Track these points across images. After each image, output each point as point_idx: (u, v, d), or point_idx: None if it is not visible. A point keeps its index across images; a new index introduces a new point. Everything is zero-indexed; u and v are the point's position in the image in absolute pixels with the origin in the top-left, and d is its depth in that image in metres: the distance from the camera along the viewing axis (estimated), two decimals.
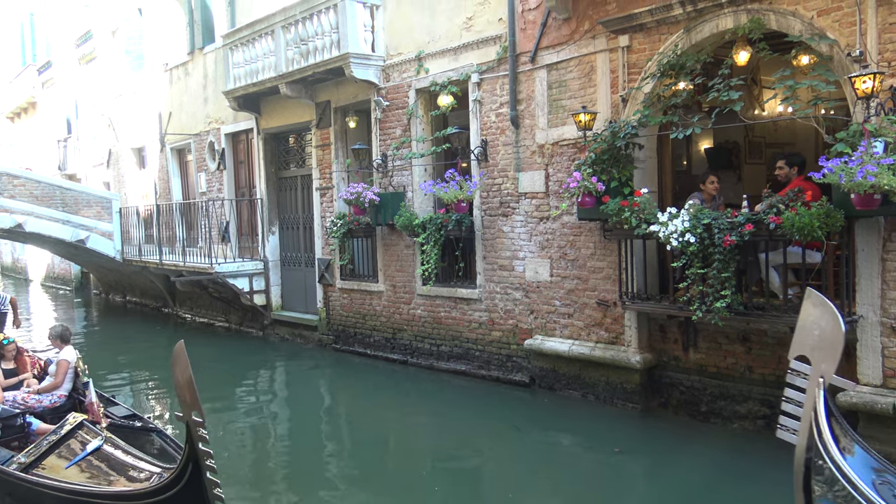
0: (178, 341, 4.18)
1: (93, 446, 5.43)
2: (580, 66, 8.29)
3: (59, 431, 5.74)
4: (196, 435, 4.08)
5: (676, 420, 7.66)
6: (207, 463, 4.14)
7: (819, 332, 3.61)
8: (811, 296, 3.72)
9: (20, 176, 16.23)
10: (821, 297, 3.70)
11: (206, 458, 4.13)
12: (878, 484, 3.45)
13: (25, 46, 27.63)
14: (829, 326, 3.55)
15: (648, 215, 7.03)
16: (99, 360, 12.98)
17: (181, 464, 4.30)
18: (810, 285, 6.40)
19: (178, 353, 4.07)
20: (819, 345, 3.59)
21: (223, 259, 13.96)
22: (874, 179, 5.39)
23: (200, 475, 4.18)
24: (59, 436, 5.68)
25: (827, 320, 3.56)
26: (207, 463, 4.14)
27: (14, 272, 31.21)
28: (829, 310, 3.57)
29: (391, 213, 10.30)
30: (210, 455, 4.15)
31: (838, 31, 6.21)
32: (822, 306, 3.61)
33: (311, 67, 11.12)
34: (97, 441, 5.49)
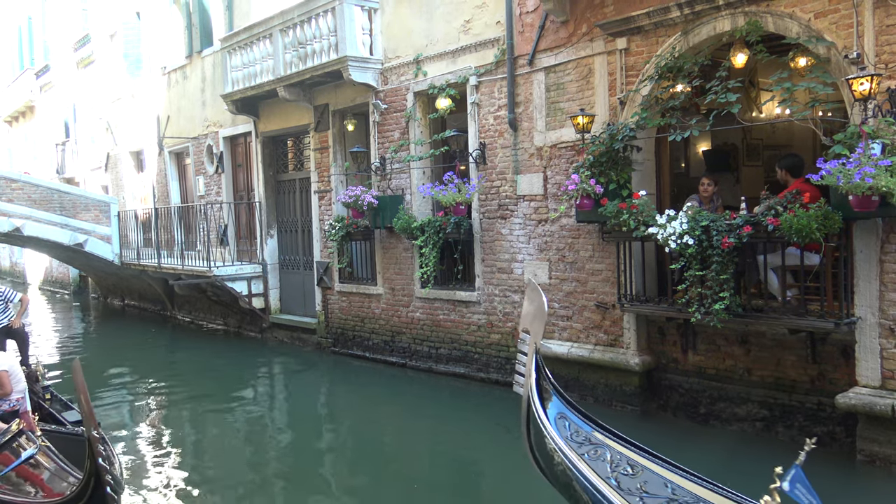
0: (75, 360, 4.26)
1: (27, 455, 5.48)
2: (578, 68, 8.29)
3: (1, 438, 5.80)
4: (95, 450, 4.14)
5: (675, 422, 7.66)
6: (106, 478, 4.21)
7: (533, 310, 4.69)
8: (530, 284, 4.89)
9: (18, 180, 16.23)
10: (535, 284, 4.84)
11: (105, 474, 4.20)
12: (557, 419, 4.59)
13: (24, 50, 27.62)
14: (538, 306, 4.63)
15: (647, 217, 7.04)
16: (97, 363, 13.00)
17: (84, 478, 4.35)
18: (809, 287, 6.44)
19: (76, 372, 4.14)
20: (534, 320, 4.67)
21: (221, 262, 13.95)
22: (872, 181, 5.40)
23: (101, 491, 4.24)
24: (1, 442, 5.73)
25: (537, 302, 4.64)
26: (106, 478, 4.21)
27: (12, 276, 31.18)
28: (538, 294, 4.66)
29: (390, 215, 10.30)
30: (107, 470, 4.23)
31: (835, 34, 6.23)
32: (535, 291, 4.71)
33: (310, 71, 11.13)
34: (31, 450, 5.54)
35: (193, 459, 7.78)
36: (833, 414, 6.52)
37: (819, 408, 6.69)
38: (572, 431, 4.53)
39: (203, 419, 9.31)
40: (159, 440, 8.32)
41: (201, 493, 6.68)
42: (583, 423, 4.62)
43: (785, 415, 6.92)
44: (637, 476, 4.20)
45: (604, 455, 4.36)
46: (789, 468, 3.48)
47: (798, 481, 3.43)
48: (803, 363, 6.77)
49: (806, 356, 6.72)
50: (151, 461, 7.48)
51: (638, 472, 4.23)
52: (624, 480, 4.15)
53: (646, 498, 4.01)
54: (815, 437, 3.93)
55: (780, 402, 6.96)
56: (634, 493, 4.04)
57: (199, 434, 8.81)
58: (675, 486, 4.08)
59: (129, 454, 7.69)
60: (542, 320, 4.62)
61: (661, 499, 4.00)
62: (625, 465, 4.28)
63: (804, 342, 6.70)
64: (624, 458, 4.35)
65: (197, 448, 8.29)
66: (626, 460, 4.33)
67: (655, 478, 4.16)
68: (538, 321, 4.64)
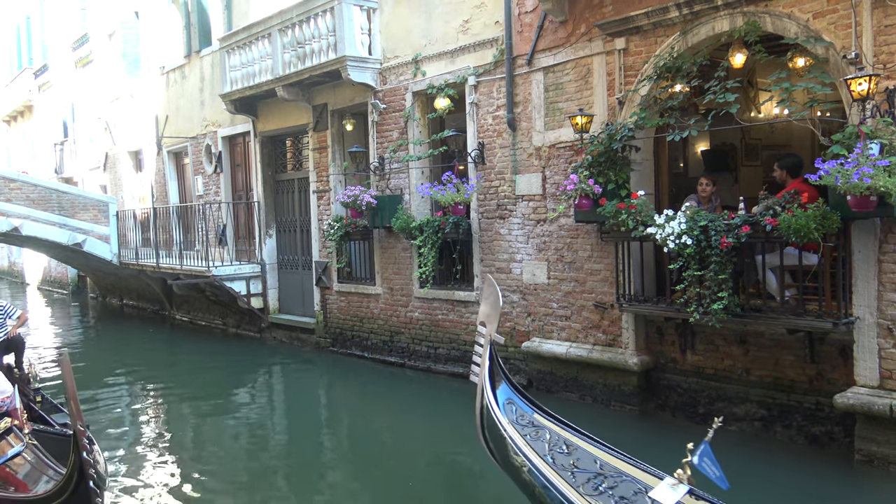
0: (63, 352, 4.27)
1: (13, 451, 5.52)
2: (577, 68, 8.30)
3: None
4: (80, 444, 4.15)
5: (674, 422, 7.67)
6: (90, 472, 4.23)
7: (489, 305, 5.12)
8: (487, 279, 5.36)
9: (17, 179, 16.21)
10: (492, 280, 5.30)
11: (88, 468, 4.22)
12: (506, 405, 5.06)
13: (22, 50, 27.58)
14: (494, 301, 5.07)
15: (645, 217, 7.04)
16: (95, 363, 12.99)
17: (68, 473, 4.36)
18: (807, 287, 6.44)
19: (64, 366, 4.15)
20: (490, 314, 5.10)
21: (220, 262, 13.94)
22: (870, 181, 5.41)
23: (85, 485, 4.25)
24: None
25: (493, 298, 5.08)
26: (90, 472, 4.23)
27: (10, 276, 31.16)
28: (494, 290, 5.10)
29: (388, 215, 10.30)
30: (91, 464, 4.24)
31: (834, 34, 6.23)
32: (491, 287, 5.17)
33: (308, 70, 11.13)
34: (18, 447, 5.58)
35: (191, 459, 7.77)
36: (831, 414, 6.53)
37: (817, 408, 6.69)
38: (518, 415, 5.04)
39: (201, 419, 9.30)
40: (157, 440, 8.32)
41: (200, 493, 6.68)
42: (528, 407, 5.15)
43: (783, 415, 6.93)
44: (571, 454, 4.72)
45: (543, 436, 4.87)
46: (699, 444, 3.87)
47: (706, 455, 3.83)
48: (802, 363, 6.78)
49: (804, 356, 6.73)
50: (149, 461, 7.47)
51: (572, 450, 4.76)
52: (559, 458, 4.66)
53: (576, 472, 4.53)
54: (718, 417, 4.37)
55: (778, 401, 6.96)
56: (567, 469, 4.55)
57: (197, 434, 8.80)
58: (603, 463, 4.62)
59: (126, 454, 7.69)
60: (496, 314, 5.06)
61: (590, 473, 4.52)
62: (561, 445, 4.80)
63: (802, 342, 6.71)
64: (561, 438, 4.87)
65: (195, 448, 8.29)
66: (562, 440, 4.86)
67: (587, 455, 4.69)
68: (493, 315, 5.08)
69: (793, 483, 6.13)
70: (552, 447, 4.77)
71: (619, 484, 4.42)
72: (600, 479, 4.47)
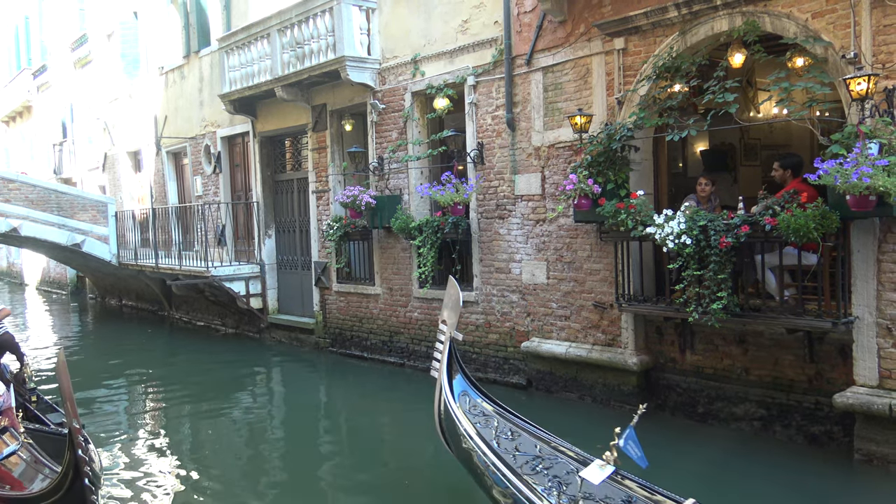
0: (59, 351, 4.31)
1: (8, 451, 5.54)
2: (576, 68, 8.30)
3: None
4: (76, 442, 4.18)
5: (673, 421, 7.67)
6: (85, 470, 4.26)
7: (450, 303, 5.54)
8: (451, 280, 5.72)
9: (15, 180, 16.18)
10: (453, 280, 5.68)
11: (84, 465, 4.24)
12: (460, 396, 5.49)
13: (21, 50, 27.56)
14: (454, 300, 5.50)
15: (644, 217, 7.04)
16: (94, 363, 12.99)
17: (63, 470, 4.38)
18: (806, 286, 6.45)
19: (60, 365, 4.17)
20: (450, 313, 5.52)
21: (219, 262, 13.93)
22: (869, 181, 5.41)
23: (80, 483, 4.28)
24: None
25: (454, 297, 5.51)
26: (85, 470, 4.26)
27: (9, 276, 31.14)
28: (455, 289, 5.54)
29: (387, 215, 10.30)
30: (86, 462, 4.26)
31: (833, 34, 6.24)
32: (453, 287, 5.58)
33: (307, 70, 11.12)
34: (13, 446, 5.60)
35: (190, 459, 7.77)
36: (831, 413, 6.53)
37: (817, 407, 6.70)
38: (471, 406, 5.50)
39: (200, 419, 9.29)
40: (156, 440, 8.32)
41: (199, 493, 6.68)
42: (480, 398, 5.62)
43: (783, 414, 6.93)
44: (515, 439, 5.23)
45: (491, 423, 5.37)
46: (625, 428, 4.28)
47: (630, 439, 4.24)
48: (801, 363, 6.78)
49: (804, 356, 6.73)
50: (147, 461, 7.47)
51: (516, 436, 5.26)
52: (504, 443, 5.17)
53: (517, 455, 5.02)
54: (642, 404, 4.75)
55: (777, 401, 6.96)
56: (509, 452, 5.05)
57: (196, 434, 8.80)
58: (542, 447, 5.13)
59: (125, 454, 7.69)
60: (456, 313, 5.51)
61: (530, 456, 5.02)
62: (506, 431, 5.30)
63: (802, 342, 6.71)
64: (507, 426, 5.37)
65: (194, 448, 8.28)
66: (508, 427, 5.35)
67: (528, 440, 5.19)
68: (453, 313, 5.51)
69: (792, 482, 6.13)
70: (498, 433, 5.25)
71: (555, 465, 4.89)
72: (538, 461, 4.94)
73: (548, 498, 4.43)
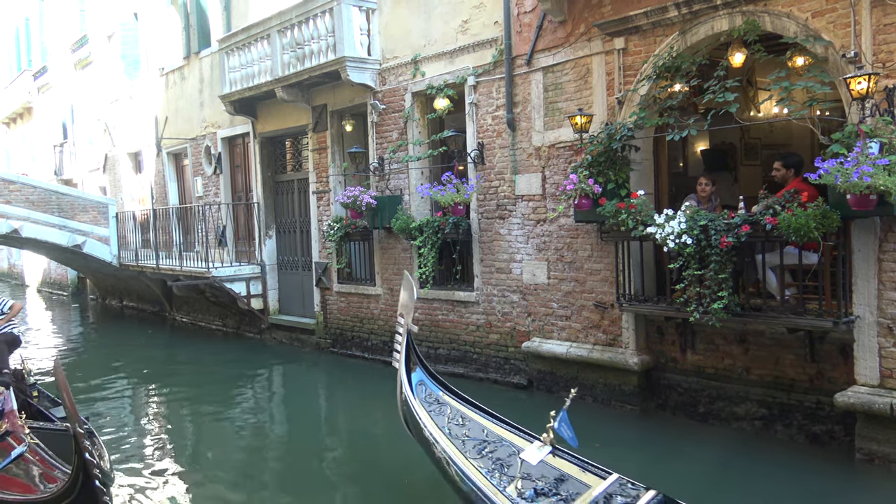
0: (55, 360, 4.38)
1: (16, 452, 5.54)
2: (576, 68, 8.30)
3: None
4: (81, 445, 4.20)
5: (674, 421, 7.67)
6: (94, 472, 4.28)
7: (406, 298, 5.84)
8: (405, 275, 6.00)
9: (16, 181, 16.19)
10: (408, 275, 5.98)
11: (92, 468, 4.27)
12: (417, 385, 5.80)
13: (21, 51, 27.57)
14: (410, 294, 5.80)
15: (645, 217, 7.04)
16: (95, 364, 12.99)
17: (73, 474, 4.40)
18: (807, 286, 6.45)
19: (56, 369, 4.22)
20: (406, 305, 5.83)
21: (220, 263, 13.93)
22: (870, 180, 5.41)
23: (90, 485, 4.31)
24: None
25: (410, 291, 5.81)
26: (94, 472, 4.28)
27: (10, 277, 31.14)
28: (411, 284, 5.84)
29: (388, 216, 10.30)
30: (94, 464, 4.29)
31: (833, 33, 6.23)
32: (408, 282, 5.86)
33: (308, 71, 11.12)
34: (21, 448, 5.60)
35: (191, 459, 7.77)
36: (832, 413, 6.53)
37: (818, 406, 6.69)
38: (427, 394, 5.79)
39: (201, 420, 9.30)
40: (157, 441, 8.32)
41: (199, 493, 6.68)
42: (436, 387, 5.90)
43: (784, 413, 6.93)
44: (465, 425, 5.47)
45: (445, 411, 5.63)
46: (559, 411, 4.73)
47: (563, 421, 4.66)
48: (802, 362, 6.78)
49: (804, 355, 6.73)
50: (149, 462, 7.47)
51: (466, 422, 5.51)
52: (454, 429, 5.42)
53: (466, 440, 5.28)
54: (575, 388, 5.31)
55: (778, 400, 6.96)
56: (459, 437, 5.31)
57: (196, 434, 8.81)
58: (490, 431, 5.40)
59: (127, 455, 7.68)
60: (412, 306, 5.81)
61: (477, 440, 5.29)
62: (458, 418, 5.55)
63: (803, 341, 6.71)
64: (459, 413, 5.61)
65: (194, 448, 8.29)
66: (459, 414, 5.60)
67: (477, 426, 5.45)
68: (409, 307, 5.82)
69: (793, 482, 6.13)
70: (450, 420, 5.54)
71: (499, 448, 5.17)
72: (484, 445, 5.23)
73: (490, 480, 4.72)
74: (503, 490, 4.56)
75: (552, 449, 4.70)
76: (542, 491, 4.54)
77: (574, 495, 4.43)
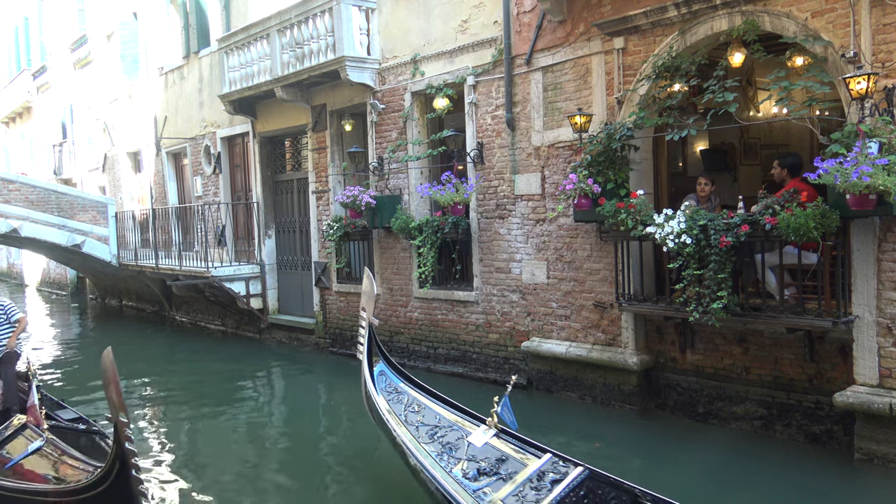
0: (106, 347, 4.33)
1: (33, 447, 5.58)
2: (576, 68, 8.30)
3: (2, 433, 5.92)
4: (122, 435, 4.26)
5: (674, 421, 7.67)
6: (132, 461, 4.35)
7: (367, 293, 6.23)
8: (366, 272, 6.39)
9: (15, 181, 16.18)
10: (368, 272, 6.36)
11: (131, 457, 4.33)
12: (378, 376, 6.16)
13: (20, 51, 27.56)
14: (369, 290, 6.20)
15: (644, 217, 7.04)
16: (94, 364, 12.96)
17: (109, 462, 4.47)
18: (806, 286, 6.45)
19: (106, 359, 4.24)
20: (367, 300, 6.21)
21: (219, 263, 13.94)
22: (869, 180, 5.41)
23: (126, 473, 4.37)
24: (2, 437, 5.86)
25: (369, 287, 6.21)
26: (132, 461, 4.35)
27: (10, 277, 31.14)
28: (371, 280, 6.23)
29: (387, 215, 10.30)
30: (134, 454, 4.35)
31: (832, 33, 6.23)
32: (369, 278, 6.26)
33: (307, 71, 11.12)
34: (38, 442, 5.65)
35: (190, 459, 7.77)
36: (831, 412, 6.53)
37: (817, 406, 6.70)
38: (387, 384, 6.12)
39: (200, 419, 9.29)
40: (156, 441, 8.32)
41: (199, 493, 6.68)
42: (395, 377, 6.24)
43: (783, 413, 6.93)
44: (420, 412, 5.80)
45: (402, 399, 5.97)
46: (502, 397, 5.12)
47: (505, 406, 5.03)
48: (801, 362, 6.78)
49: (804, 355, 6.73)
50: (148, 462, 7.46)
51: (421, 409, 5.83)
52: (410, 415, 5.76)
53: (420, 426, 5.61)
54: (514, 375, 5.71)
55: (778, 400, 6.96)
56: (414, 423, 5.64)
57: (195, 434, 8.80)
58: (442, 417, 5.70)
59: None
60: (372, 301, 6.18)
61: (430, 426, 5.60)
62: (414, 405, 5.87)
63: (802, 341, 6.71)
64: (415, 400, 5.94)
65: (194, 449, 8.29)
66: (415, 402, 5.92)
67: (431, 412, 5.77)
68: (370, 302, 6.19)
69: (793, 481, 6.13)
70: (407, 407, 5.85)
71: (449, 433, 5.49)
72: (436, 430, 5.54)
73: (439, 462, 5.06)
74: (450, 471, 4.90)
75: (496, 432, 5.11)
76: (484, 471, 4.89)
77: (512, 474, 4.79)
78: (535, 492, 4.54)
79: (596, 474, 4.72)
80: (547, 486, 4.57)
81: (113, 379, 4.21)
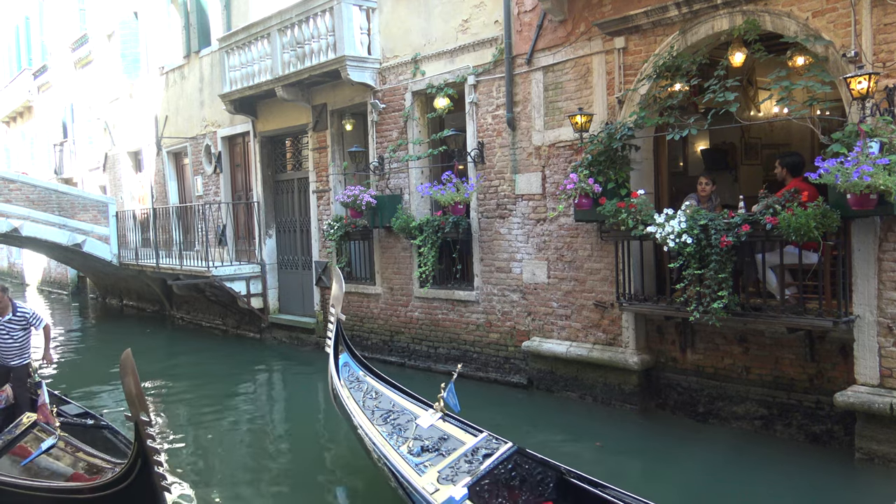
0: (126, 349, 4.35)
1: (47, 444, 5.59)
2: (576, 67, 8.30)
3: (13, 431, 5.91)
4: (144, 433, 4.31)
5: (674, 420, 7.67)
6: (155, 458, 4.40)
7: (336, 290, 6.69)
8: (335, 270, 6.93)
9: (16, 180, 16.19)
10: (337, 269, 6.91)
11: (154, 455, 4.38)
12: (342, 367, 6.56)
13: (21, 50, 27.56)
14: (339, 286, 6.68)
15: (645, 216, 7.04)
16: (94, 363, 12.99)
17: (131, 459, 4.51)
18: (807, 285, 6.45)
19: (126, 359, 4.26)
20: (336, 296, 6.66)
21: (220, 262, 13.94)
22: (870, 179, 5.41)
23: (149, 470, 4.43)
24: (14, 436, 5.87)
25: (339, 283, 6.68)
26: (155, 458, 4.40)
27: (10, 276, 31.14)
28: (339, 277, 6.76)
29: (388, 215, 10.30)
30: (157, 451, 4.41)
31: (833, 32, 6.23)
32: (338, 275, 6.78)
33: (308, 70, 11.12)
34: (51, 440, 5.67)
35: (191, 459, 7.78)
36: (831, 412, 6.53)
37: (818, 406, 6.70)
38: (349, 374, 6.54)
39: (200, 419, 9.30)
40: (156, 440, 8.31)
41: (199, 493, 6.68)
42: (358, 367, 6.65)
43: (783, 413, 6.93)
44: (377, 399, 6.21)
45: (362, 387, 6.39)
46: (448, 383, 5.54)
47: (450, 392, 5.51)
48: (802, 362, 6.78)
49: (804, 355, 6.73)
50: None
51: (379, 396, 6.24)
52: (368, 402, 6.18)
53: (376, 411, 6.02)
54: (459, 365, 6.09)
55: (778, 400, 6.96)
56: (370, 409, 6.06)
57: (195, 434, 8.80)
58: (396, 403, 6.12)
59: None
60: (341, 297, 6.62)
61: (385, 410, 6.02)
62: (372, 393, 6.29)
63: (803, 341, 6.71)
64: (373, 388, 6.36)
65: (194, 448, 8.28)
66: (373, 389, 6.34)
67: (387, 399, 6.19)
68: (338, 298, 6.62)
69: (793, 481, 6.13)
70: (366, 395, 6.26)
71: (401, 416, 5.93)
72: (389, 414, 5.98)
73: (388, 440, 5.55)
74: (397, 449, 5.41)
75: (442, 415, 5.62)
76: (427, 447, 5.40)
77: (451, 450, 5.29)
78: (469, 464, 5.06)
79: (524, 451, 5.23)
80: (479, 459, 5.08)
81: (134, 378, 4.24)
